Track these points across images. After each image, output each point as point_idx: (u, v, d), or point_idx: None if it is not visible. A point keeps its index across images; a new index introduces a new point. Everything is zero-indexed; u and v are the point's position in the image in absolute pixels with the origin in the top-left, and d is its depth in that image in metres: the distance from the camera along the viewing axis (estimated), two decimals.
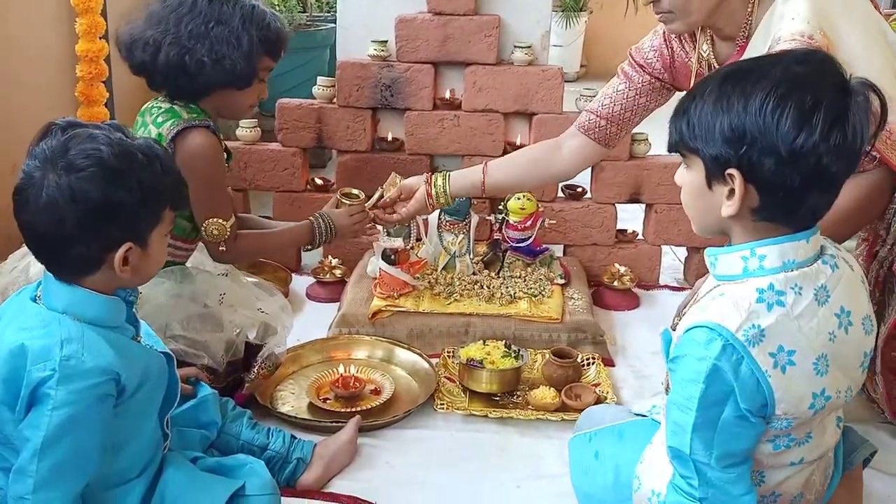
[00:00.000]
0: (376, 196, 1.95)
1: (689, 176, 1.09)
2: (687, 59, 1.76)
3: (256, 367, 1.71)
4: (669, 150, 1.11)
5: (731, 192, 1.02)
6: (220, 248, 1.71)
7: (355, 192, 1.94)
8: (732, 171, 1.01)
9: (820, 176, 0.99)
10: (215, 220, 1.68)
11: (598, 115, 1.87)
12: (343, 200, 1.92)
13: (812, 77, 0.99)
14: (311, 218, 1.86)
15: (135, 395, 1.16)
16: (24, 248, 1.66)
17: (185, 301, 1.63)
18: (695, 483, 1.06)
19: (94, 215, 1.09)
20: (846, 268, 1.10)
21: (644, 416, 1.38)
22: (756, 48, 1.55)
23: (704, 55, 1.70)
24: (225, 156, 1.74)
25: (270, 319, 1.77)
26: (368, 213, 1.92)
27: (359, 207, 1.90)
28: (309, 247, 1.89)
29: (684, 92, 1.78)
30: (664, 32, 1.77)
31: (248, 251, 1.87)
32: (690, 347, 1.04)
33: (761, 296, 1.02)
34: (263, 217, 2.09)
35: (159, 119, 1.65)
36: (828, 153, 0.97)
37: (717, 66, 1.69)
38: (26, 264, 1.61)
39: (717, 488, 1.05)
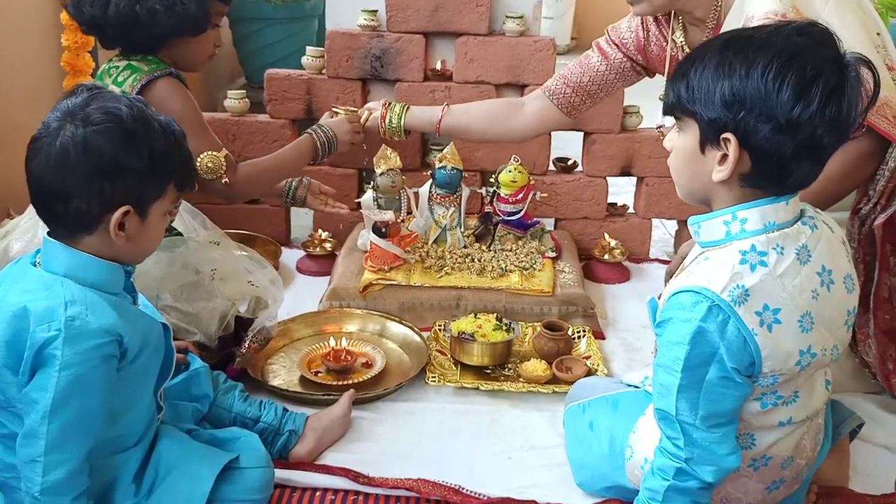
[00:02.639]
0: (364, 115, 2.02)
1: (681, 139, 1.10)
2: (663, 43, 1.76)
3: (247, 342, 1.70)
4: (665, 113, 1.12)
5: (724, 157, 1.04)
6: (224, 181, 1.70)
7: (350, 108, 2.02)
8: (728, 135, 1.02)
9: (812, 146, 1.01)
10: (207, 153, 1.67)
11: (565, 83, 1.91)
12: (338, 110, 1.96)
13: (812, 48, 1.00)
14: (308, 132, 1.86)
15: (135, 360, 1.17)
16: (5, 228, 1.65)
17: (176, 269, 1.62)
18: (680, 444, 1.08)
19: (101, 171, 1.11)
20: (825, 229, 1.12)
21: (637, 387, 1.38)
22: (730, 27, 1.54)
23: (678, 42, 1.70)
24: None
25: (261, 293, 1.76)
26: (361, 126, 1.95)
27: (356, 117, 1.94)
28: (320, 159, 1.91)
29: (655, 77, 1.79)
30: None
31: (253, 177, 1.80)
32: (676, 311, 1.06)
33: (744, 257, 1.04)
34: None
35: (119, 78, 1.62)
36: (822, 124, 0.99)
37: (687, 51, 1.70)
38: (6, 244, 1.59)
39: (702, 448, 1.07)
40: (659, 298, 1.18)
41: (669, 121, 1.71)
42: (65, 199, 1.12)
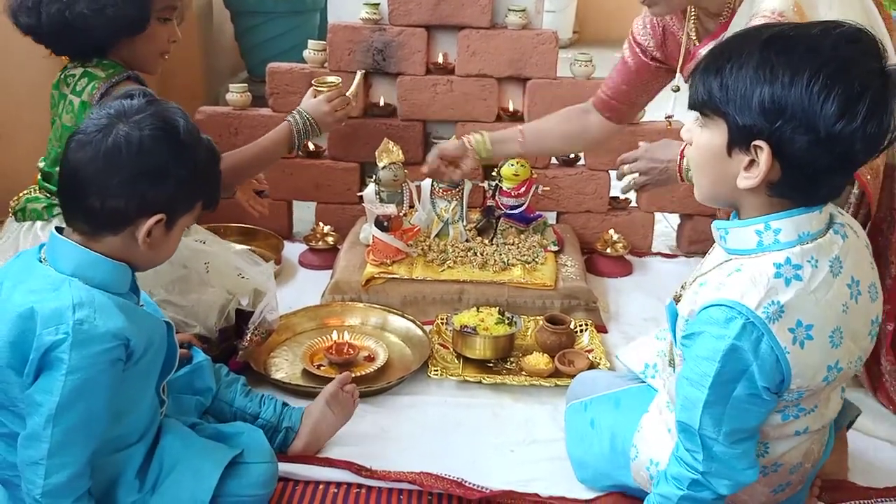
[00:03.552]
0: (356, 82, 1.93)
1: (705, 136, 1.04)
2: (678, 35, 1.77)
3: (249, 334, 1.70)
4: (691, 108, 1.06)
5: (751, 162, 0.99)
6: None
7: (331, 78, 1.89)
8: (761, 143, 0.97)
9: (848, 160, 0.98)
10: None
11: (608, 96, 1.93)
12: (319, 88, 1.85)
13: (861, 60, 0.96)
14: (287, 118, 1.81)
15: (140, 360, 1.17)
16: None
17: (164, 265, 1.62)
18: (699, 457, 1.06)
19: (149, 174, 1.13)
20: (853, 235, 1.09)
21: (638, 378, 1.38)
22: (739, 22, 1.55)
23: (692, 35, 1.71)
24: None
25: (254, 285, 1.77)
26: (348, 98, 1.86)
27: (336, 92, 1.84)
28: (296, 147, 1.85)
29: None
30: None
31: (230, 169, 1.70)
32: (708, 325, 1.02)
33: (779, 270, 1.00)
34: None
35: (77, 87, 1.59)
36: (861, 140, 0.95)
37: (697, 44, 1.70)
38: None
39: (720, 462, 1.06)
40: (677, 303, 1.15)
41: (679, 111, 1.71)
42: (103, 196, 1.12)
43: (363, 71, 1.97)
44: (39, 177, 1.69)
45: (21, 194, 1.70)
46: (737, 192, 1.02)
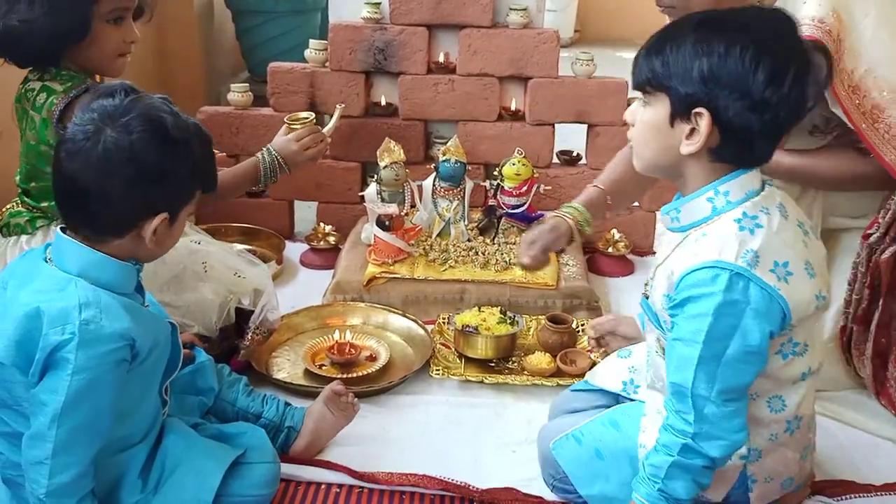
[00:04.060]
0: (334, 118, 1.83)
1: (648, 113, 1.13)
2: None
3: (250, 334, 1.71)
4: (635, 88, 1.15)
5: (693, 130, 1.08)
6: None
7: (303, 115, 1.80)
8: (701, 109, 1.06)
9: (775, 125, 1.07)
10: None
11: None
12: (292, 125, 1.77)
13: (785, 37, 1.07)
14: (258, 154, 1.74)
15: (145, 361, 1.17)
16: None
17: (158, 266, 1.62)
18: (690, 418, 1.09)
19: (145, 178, 1.12)
20: (781, 190, 1.18)
21: (624, 396, 1.36)
22: None
23: None
24: None
25: (251, 284, 1.77)
26: (322, 135, 1.77)
27: (307, 130, 1.75)
28: (260, 185, 1.77)
29: None
30: None
31: None
32: (695, 288, 1.07)
33: (741, 224, 1.08)
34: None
35: (37, 102, 1.55)
36: (786, 106, 1.06)
37: None
38: None
39: (711, 423, 1.09)
40: (647, 298, 1.20)
41: None
42: (103, 203, 1.12)
43: (342, 105, 1.88)
44: (20, 191, 1.67)
45: (4, 209, 1.68)
46: (679, 160, 1.11)
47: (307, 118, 1.78)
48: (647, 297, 1.21)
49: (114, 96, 1.14)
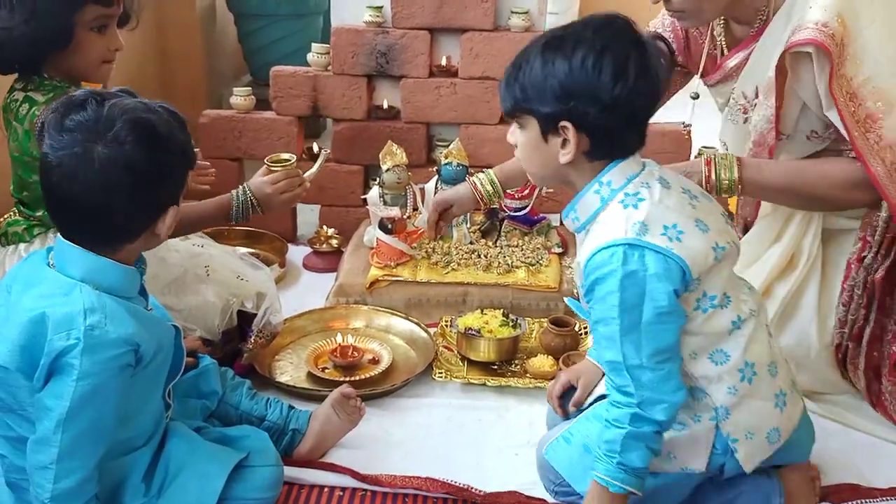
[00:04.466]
0: (318, 163, 1.77)
1: (524, 135, 1.22)
2: (700, 41, 1.75)
3: (253, 337, 1.71)
4: (506, 116, 1.24)
5: (565, 141, 1.16)
6: None
7: (285, 156, 1.75)
8: (565, 123, 1.14)
9: (634, 115, 1.16)
10: None
11: None
12: (271, 167, 1.72)
13: (619, 37, 1.15)
14: (234, 192, 1.68)
15: (149, 365, 1.17)
16: None
17: (160, 269, 1.62)
18: (631, 389, 1.14)
19: (148, 183, 1.12)
20: (665, 168, 1.25)
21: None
22: (775, 31, 1.54)
23: (718, 38, 1.70)
24: None
25: (253, 287, 1.77)
26: (300, 178, 1.71)
27: (283, 174, 1.69)
28: (232, 222, 1.72)
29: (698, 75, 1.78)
30: None
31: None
32: (596, 271, 1.15)
33: (624, 202, 1.16)
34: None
35: (20, 113, 1.54)
36: (638, 96, 1.14)
37: (726, 51, 1.69)
38: None
39: (650, 389, 1.14)
40: (577, 297, 1.25)
41: (696, 119, 1.75)
42: (112, 219, 1.12)
43: (327, 151, 1.82)
44: (15, 200, 1.67)
45: (2, 219, 1.68)
46: (562, 168, 1.19)
47: (288, 161, 1.74)
48: (578, 299, 1.28)
49: (85, 107, 1.11)
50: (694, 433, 1.21)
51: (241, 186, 1.68)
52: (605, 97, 1.12)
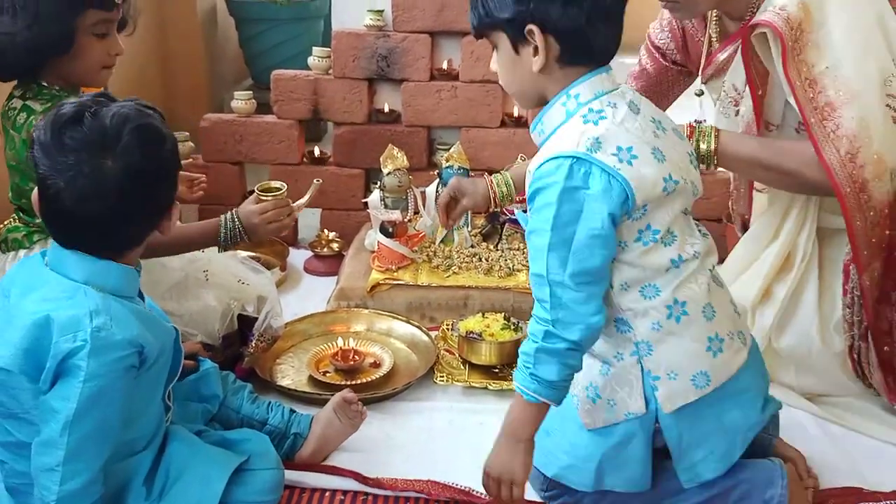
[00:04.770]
0: (310, 192, 1.74)
1: (499, 56, 1.20)
2: (698, 38, 1.75)
3: (254, 341, 1.71)
4: (476, 37, 1.23)
5: (535, 49, 1.14)
6: None
7: (275, 184, 1.73)
8: (531, 26, 1.13)
9: (599, 10, 1.13)
10: None
11: None
12: (261, 196, 1.69)
13: None
14: (223, 218, 1.65)
15: (152, 367, 1.17)
16: None
17: (159, 275, 1.61)
18: (548, 306, 1.14)
19: (156, 185, 1.14)
20: (644, 99, 1.23)
21: None
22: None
23: (713, 37, 1.70)
24: None
25: (254, 291, 1.76)
26: (290, 207, 1.69)
27: (272, 204, 1.66)
28: (220, 250, 1.71)
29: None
30: None
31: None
32: (541, 180, 1.14)
33: (585, 117, 1.15)
34: None
35: (18, 122, 1.53)
36: None
37: (716, 45, 1.69)
38: None
39: (567, 309, 1.14)
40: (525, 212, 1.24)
41: (706, 116, 1.72)
42: (126, 228, 1.14)
43: (319, 181, 1.79)
44: (14, 207, 1.66)
45: (2, 225, 1.68)
46: (539, 80, 1.18)
47: (278, 189, 1.72)
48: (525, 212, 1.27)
49: (81, 122, 1.09)
50: (619, 372, 1.22)
51: (230, 213, 1.65)
52: None
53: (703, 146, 1.55)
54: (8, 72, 1.57)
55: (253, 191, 1.76)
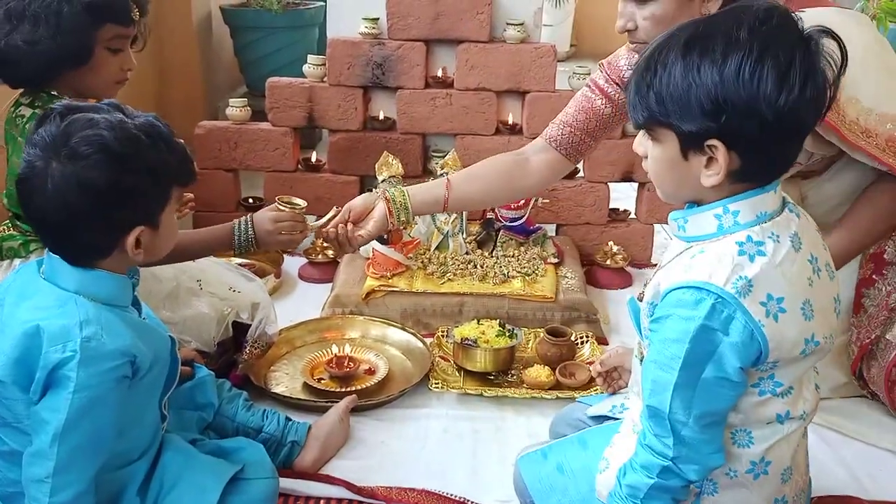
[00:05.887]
0: (326, 217, 1.71)
1: (657, 150, 1.06)
2: None
3: (248, 348, 1.70)
4: (637, 128, 1.07)
5: (710, 160, 1.00)
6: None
7: (297, 200, 1.71)
8: (714, 142, 0.98)
9: (798, 129, 1.01)
10: None
11: (571, 131, 1.74)
12: (280, 206, 1.67)
13: (779, 35, 0.97)
14: (237, 222, 1.63)
15: (145, 376, 1.16)
16: None
17: (154, 284, 1.61)
18: (669, 442, 1.05)
19: (104, 202, 1.09)
20: (804, 217, 1.11)
21: (609, 416, 1.33)
22: None
23: None
24: None
25: (247, 298, 1.76)
26: (304, 224, 1.66)
27: (289, 215, 1.64)
28: (234, 255, 1.69)
29: None
30: None
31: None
32: (676, 308, 1.02)
33: (742, 248, 1.01)
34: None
35: (26, 129, 1.52)
36: (805, 106, 0.97)
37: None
38: None
39: (689, 447, 1.04)
40: (640, 300, 1.14)
41: None
42: (73, 235, 1.10)
43: (338, 208, 1.72)
44: (11, 214, 1.65)
45: None
46: (703, 190, 1.04)
47: (297, 205, 1.69)
48: (640, 300, 1.16)
49: (49, 121, 1.08)
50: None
51: (243, 218, 1.63)
52: (765, 110, 0.95)
53: None
54: (22, 80, 1.57)
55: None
